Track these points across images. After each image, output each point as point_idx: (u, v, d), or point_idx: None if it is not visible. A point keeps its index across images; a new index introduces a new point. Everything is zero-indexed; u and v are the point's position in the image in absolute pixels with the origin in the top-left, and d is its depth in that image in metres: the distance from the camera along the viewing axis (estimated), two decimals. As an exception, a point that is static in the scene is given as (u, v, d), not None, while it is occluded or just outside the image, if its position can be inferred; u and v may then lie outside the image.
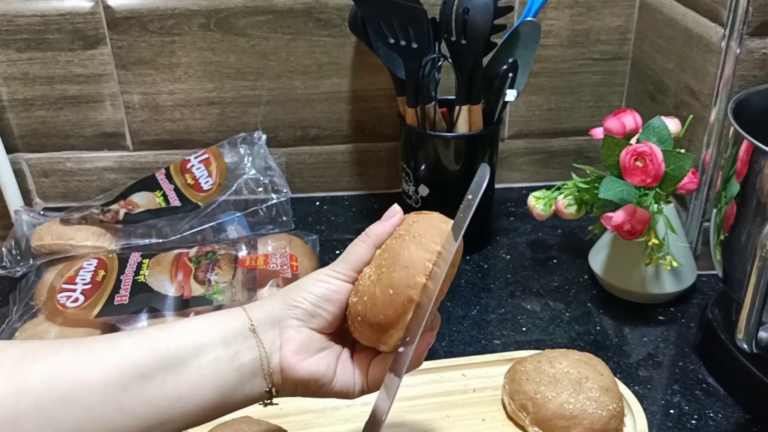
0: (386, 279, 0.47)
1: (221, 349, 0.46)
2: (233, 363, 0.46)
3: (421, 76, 0.80)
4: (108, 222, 0.85)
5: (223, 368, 0.46)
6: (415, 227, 0.49)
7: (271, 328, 0.48)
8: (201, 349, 0.45)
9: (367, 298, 0.47)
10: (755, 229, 0.61)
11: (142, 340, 0.45)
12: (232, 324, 0.47)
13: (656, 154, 0.71)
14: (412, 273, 0.46)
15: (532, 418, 0.62)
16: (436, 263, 0.47)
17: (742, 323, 0.58)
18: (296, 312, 0.49)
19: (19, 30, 0.90)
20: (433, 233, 0.48)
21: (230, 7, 0.91)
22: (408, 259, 0.47)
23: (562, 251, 0.92)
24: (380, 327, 0.47)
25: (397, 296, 0.46)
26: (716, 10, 0.74)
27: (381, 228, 0.51)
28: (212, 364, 0.45)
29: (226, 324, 0.47)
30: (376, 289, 0.47)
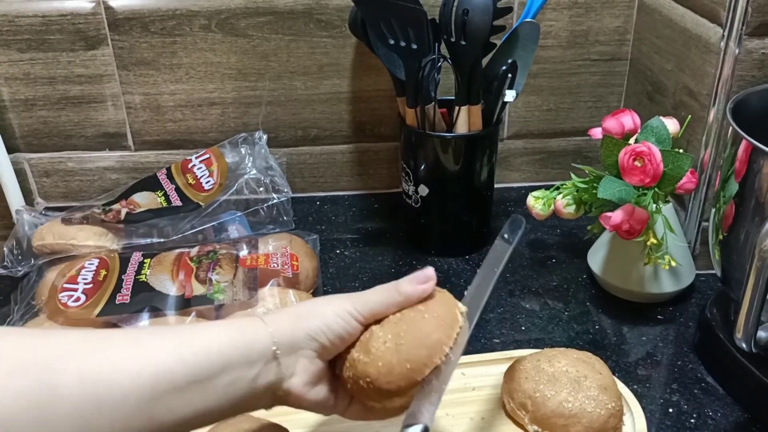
0: (405, 353, 0.49)
1: (245, 369, 0.47)
2: (252, 384, 0.48)
3: (421, 76, 0.80)
4: (109, 222, 0.86)
5: (243, 387, 0.47)
6: (435, 307, 0.51)
7: (288, 354, 0.49)
8: (227, 366, 0.47)
9: (381, 364, 0.49)
10: (754, 228, 0.61)
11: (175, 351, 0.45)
12: (256, 343, 0.48)
13: (655, 154, 0.71)
14: (431, 354, 0.49)
15: (531, 416, 0.62)
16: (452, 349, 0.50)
17: (740, 322, 0.58)
18: (314, 345, 0.50)
19: (20, 30, 0.90)
20: (451, 318, 0.51)
21: (231, 8, 0.91)
22: (429, 340, 0.49)
23: (561, 251, 0.92)
24: (388, 393, 0.50)
25: (413, 372, 0.49)
26: (715, 10, 0.74)
27: (412, 290, 0.52)
28: (235, 383, 0.47)
29: (251, 342, 0.48)
30: (393, 359, 0.49)
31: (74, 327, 0.71)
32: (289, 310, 0.53)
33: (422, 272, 0.52)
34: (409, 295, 0.51)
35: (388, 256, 0.92)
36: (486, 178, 0.89)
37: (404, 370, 0.49)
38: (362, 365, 0.50)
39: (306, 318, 0.50)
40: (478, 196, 0.90)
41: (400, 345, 0.49)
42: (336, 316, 0.51)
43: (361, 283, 0.86)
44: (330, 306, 0.51)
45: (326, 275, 0.88)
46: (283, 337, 0.49)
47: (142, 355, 0.44)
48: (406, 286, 0.52)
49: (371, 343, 0.51)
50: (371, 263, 0.90)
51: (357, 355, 0.51)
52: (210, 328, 0.50)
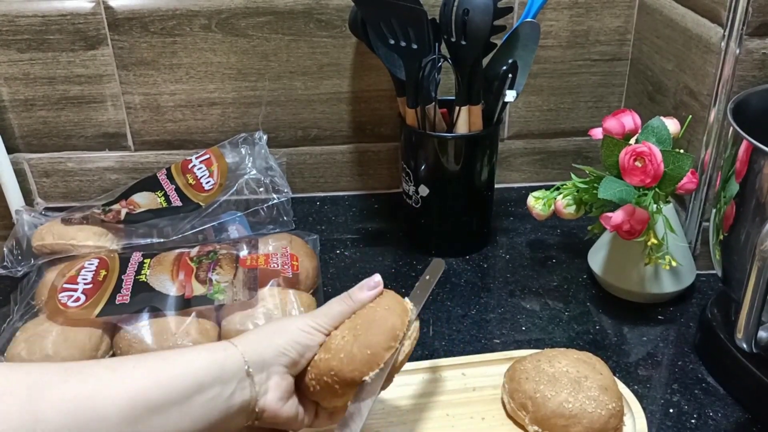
0: (364, 340, 0.53)
1: (219, 388, 0.50)
2: (228, 402, 0.50)
3: (421, 76, 0.80)
4: (109, 222, 0.86)
5: (219, 405, 0.50)
6: (384, 302, 0.57)
7: (260, 371, 0.52)
8: (202, 386, 0.49)
9: (343, 355, 0.53)
10: (754, 228, 0.61)
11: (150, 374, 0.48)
12: (228, 363, 0.51)
13: (655, 154, 0.71)
14: (388, 338, 0.54)
15: (532, 416, 0.62)
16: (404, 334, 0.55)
17: (741, 323, 0.58)
18: (284, 360, 0.53)
19: (20, 30, 0.90)
20: (400, 309, 0.56)
21: (231, 8, 0.91)
22: (385, 326, 0.54)
23: (561, 251, 0.92)
24: (352, 382, 0.53)
25: (374, 356, 0.53)
26: (716, 10, 0.74)
27: (364, 295, 0.57)
28: (211, 402, 0.49)
29: (224, 363, 0.51)
30: (354, 348, 0.53)
31: (74, 327, 0.71)
32: (255, 331, 0.56)
33: (371, 279, 0.58)
34: (361, 300, 0.57)
35: (388, 256, 0.92)
36: (486, 179, 0.89)
37: (365, 356, 0.53)
38: (324, 362, 0.54)
39: (273, 337, 0.54)
40: (479, 197, 0.90)
41: (358, 335, 0.54)
42: (300, 330, 0.55)
43: (362, 283, 0.86)
44: (293, 324, 0.56)
45: (326, 275, 0.87)
46: (253, 356, 0.52)
47: (119, 381, 0.46)
48: (358, 293, 0.57)
49: (330, 342, 0.55)
50: (371, 263, 0.90)
51: (318, 356, 0.55)
52: (183, 352, 0.52)
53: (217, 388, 0.49)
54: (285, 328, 0.55)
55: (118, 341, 0.72)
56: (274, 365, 0.53)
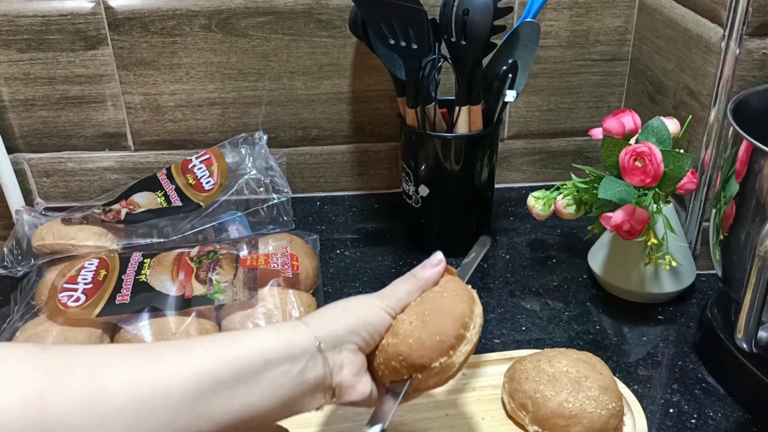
0: (433, 326, 0.53)
1: (289, 364, 0.49)
2: (299, 378, 0.50)
3: (421, 76, 0.80)
4: (109, 222, 0.86)
5: (289, 382, 0.49)
6: (450, 287, 0.56)
7: (332, 348, 0.52)
8: (271, 362, 0.49)
9: (412, 340, 0.52)
10: (754, 228, 0.61)
11: (217, 352, 0.48)
12: (299, 340, 0.50)
13: (655, 154, 0.71)
14: (457, 325, 0.53)
15: (532, 416, 0.62)
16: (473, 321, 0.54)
17: (741, 323, 0.58)
18: (356, 338, 0.53)
19: (20, 30, 0.90)
20: (467, 296, 0.55)
21: (231, 8, 0.91)
22: (453, 312, 0.53)
23: (561, 251, 0.92)
24: (421, 367, 0.52)
25: (442, 343, 0.52)
26: (716, 10, 0.74)
27: (429, 273, 0.57)
28: (280, 378, 0.49)
29: (293, 340, 0.50)
30: (423, 334, 0.52)
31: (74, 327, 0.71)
32: (321, 312, 0.55)
33: (433, 256, 0.57)
34: (426, 278, 0.56)
35: (388, 256, 0.92)
36: (486, 179, 0.89)
37: (434, 342, 0.52)
38: (393, 347, 0.53)
39: (343, 316, 0.53)
40: (479, 197, 0.90)
41: (426, 321, 0.53)
42: (370, 311, 0.54)
43: (361, 283, 0.86)
44: (362, 304, 0.55)
45: (326, 275, 0.87)
46: (324, 333, 0.51)
47: (185, 358, 0.47)
48: (422, 271, 0.56)
49: (397, 327, 0.54)
50: (371, 263, 0.90)
51: (386, 341, 0.54)
52: (251, 331, 0.53)
53: (287, 365, 0.49)
54: (354, 309, 0.54)
55: (119, 341, 0.72)
56: (346, 343, 0.52)
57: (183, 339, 0.52)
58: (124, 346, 0.48)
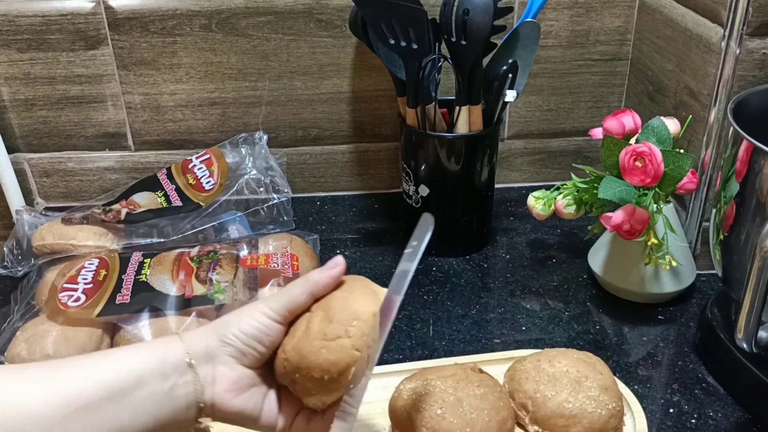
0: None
1: (159, 382, 0.48)
2: (170, 395, 0.48)
3: (422, 76, 0.80)
4: (109, 222, 0.86)
5: (161, 399, 0.48)
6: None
7: (205, 363, 0.50)
8: (140, 381, 0.47)
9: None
10: (755, 228, 0.61)
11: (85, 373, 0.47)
12: (169, 356, 0.49)
13: (655, 154, 0.71)
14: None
15: (532, 416, 0.62)
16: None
17: (741, 323, 0.58)
18: (228, 350, 0.50)
19: (20, 30, 0.90)
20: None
21: (231, 8, 0.91)
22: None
23: (561, 251, 0.92)
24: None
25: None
26: (716, 10, 0.74)
27: (320, 275, 0.52)
28: (151, 396, 0.47)
29: (164, 356, 0.49)
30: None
31: (74, 327, 0.71)
32: (208, 324, 0.53)
33: (332, 260, 0.53)
34: (317, 281, 0.52)
35: (388, 256, 0.92)
36: (486, 178, 0.89)
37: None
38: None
39: (220, 326, 0.51)
40: (479, 196, 0.90)
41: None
42: (250, 318, 0.51)
43: (362, 283, 0.86)
44: (245, 311, 0.52)
45: (326, 275, 0.87)
46: (196, 347, 0.50)
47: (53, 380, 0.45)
48: (316, 273, 0.53)
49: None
50: (371, 263, 0.90)
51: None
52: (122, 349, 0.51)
53: (157, 383, 0.48)
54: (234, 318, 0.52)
55: (119, 341, 0.72)
56: (219, 355, 0.50)
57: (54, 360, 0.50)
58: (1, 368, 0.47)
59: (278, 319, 0.51)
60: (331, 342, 0.48)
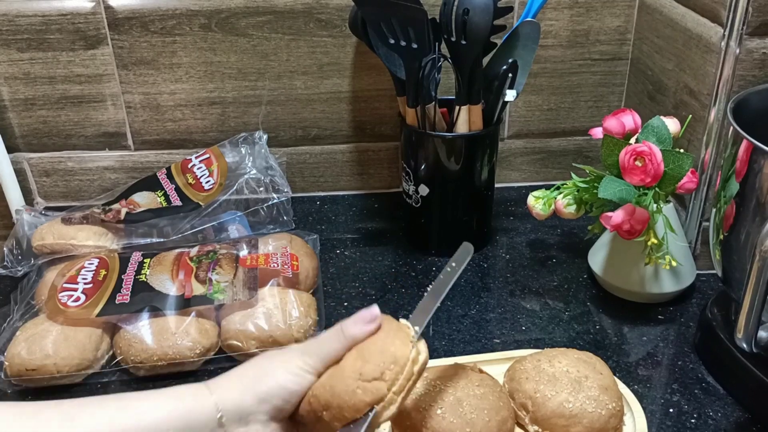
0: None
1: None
2: None
3: (421, 76, 0.80)
4: (109, 221, 0.86)
5: None
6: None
7: (237, 421, 0.48)
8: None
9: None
10: (754, 228, 0.61)
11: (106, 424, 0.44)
12: (198, 412, 0.47)
13: (655, 153, 0.71)
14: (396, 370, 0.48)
15: (532, 416, 0.62)
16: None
17: (741, 323, 0.58)
18: (266, 407, 0.49)
19: (20, 30, 0.90)
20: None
21: (231, 8, 0.91)
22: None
23: (561, 251, 0.92)
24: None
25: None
26: (716, 10, 0.74)
27: (357, 331, 0.51)
28: None
29: (192, 411, 0.46)
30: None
31: (74, 327, 0.71)
32: (236, 372, 0.51)
33: (367, 311, 0.52)
34: (355, 336, 0.51)
35: (388, 256, 0.92)
36: (486, 178, 0.89)
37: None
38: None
39: (255, 383, 0.49)
40: (479, 196, 0.90)
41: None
42: (288, 374, 0.49)
43: (361, 283, 0.86)
44: (280, 365, 0.50)
45: (326, 275, 0.87)
46: (229, 404, 0.47)
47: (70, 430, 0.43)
48: (352, 327, 0.51)
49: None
50: (371, 263, 0.90)
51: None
52: (147, 398, 0.47)
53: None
54: (270, 372, 0.50)
55: (118, 341, 0.72)
56: (254, 413, 0.48)
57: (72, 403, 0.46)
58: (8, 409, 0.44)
59: (314, 374, 0.50)
60: (367, 383, 0.47)
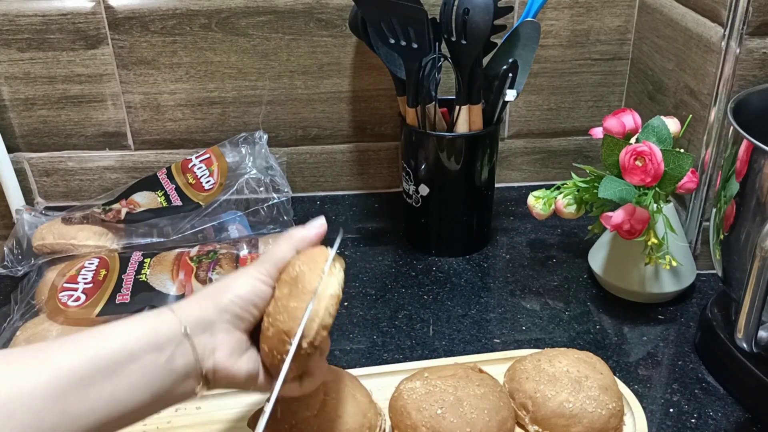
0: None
1: (155, 354, 0.47)
2: (167, 366, 0.48)
3: (422, 76, 0.80)
4: (109, 221, 0.86)
5: (157, 372, 0.47)
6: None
7: (202, 331, 0.50)
8: (134, 354, 0.47)
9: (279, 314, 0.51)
10: (755, 228, 0.61)
11: (77, 348, 0.46)
12: (164, 328, 0.49)
13: (655, 153, 0.71)
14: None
15: (532, 416, 0.62)
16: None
17: (741, 322, 0.58)
18: (226, 316, 0.51)
19: (20, 30, 0.90)
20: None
21: (231, 8, 0.91)
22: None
23: (561, 250, 0.92)
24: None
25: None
26: (716, 9, 0.74)
27: (305, 232, 0.55)
28: (146, 368, 0.47)
29: (158, 328, 0.49)
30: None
31: (74, 327, 0.71)
32: (199, 292, 0.53)
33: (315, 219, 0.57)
34: (302, 237, 0.55)
35: (388, 256, 0.92)
36: (486, 178, 0.89)
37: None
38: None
39: (215, 294, 0.52)
40: (479, 196, 0.90)
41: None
42: (244, 283, 0.52)
43: (361, 282, 0.86)
44: (236, 277, 0.53)
45: (326, 275, 0.87)
46: (192, 316, 0.50)
47: (42, 360, 0.45)
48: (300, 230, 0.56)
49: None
50: (371, 263, 0.90)
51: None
52: (113, 324, 0.49)
53: (152, 355, 0.47)
54: (228, 284, 0.52)
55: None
56: (217, 322, 0.50)
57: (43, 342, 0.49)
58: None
59: (270, 282, 0.53)
60: None
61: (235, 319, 0.51)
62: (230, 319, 0.51)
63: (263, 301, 0.52)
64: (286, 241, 0.55)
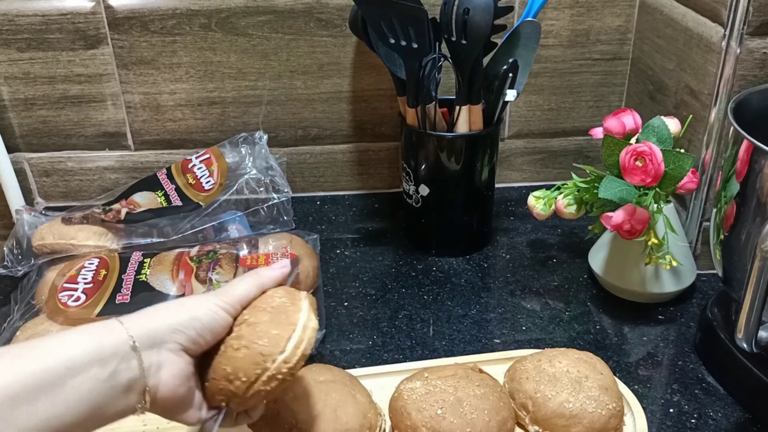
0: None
1: (97, 368, 0.45)
2: (109, 382, 0.46)
3: (422, 76, 0.80)
4: (109, 221, 0.86)
5: (98, 387, 0.45)
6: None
7: (150, 347, 0.48)
8: (74, 368, 0.44)
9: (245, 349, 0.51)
10: (755, 228, 0.61)
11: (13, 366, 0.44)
12: (108, 340, 0.47)
13: (656, 153, 0.71)
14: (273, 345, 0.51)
15: (532, 417, 0.62)
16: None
17: (741, 323, 0.58)
18: (180, 336, 0.49)
19: (20, 30, 0.90)
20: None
21: (231, 8, 0.91)
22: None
23: (561, 251, 0.92)
24: None
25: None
26: (716, 9, 0.74)
27: (271, 272, 0.56)
28: (87, 383, 0.45)
29: (101, 340, 0.46)
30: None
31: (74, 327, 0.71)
32: (148, 309, 0.51)
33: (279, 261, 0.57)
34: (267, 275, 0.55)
35: (388, 256, 0.92)
36: (487, 178, 0.89)
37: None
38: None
39: (168, 313, 0.50)
40: (479, 196, 0.90)
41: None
42: (205, 308, 0.51)
43: (361, 283, 0.86)
44: (195, 301, 0.52)
45: (326, 275, 0.87)
46: (141, 330, 0.48)
47: None
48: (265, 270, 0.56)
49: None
50: (371, 263, 0.90)
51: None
52: (53, 336, 0.47)
53: (94, 369, 0.45)
54: (186, 306, 0.51)
55: (118, 341, 0.72)
56: (167, 342, 0.49)
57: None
58: None
59: (231, 312, 0.53)
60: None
61: (188, 342, 0.50)
62: (183, 340, 0.49)
63: (222, 328, 0.52)
64: (251, 277, 0.55)
